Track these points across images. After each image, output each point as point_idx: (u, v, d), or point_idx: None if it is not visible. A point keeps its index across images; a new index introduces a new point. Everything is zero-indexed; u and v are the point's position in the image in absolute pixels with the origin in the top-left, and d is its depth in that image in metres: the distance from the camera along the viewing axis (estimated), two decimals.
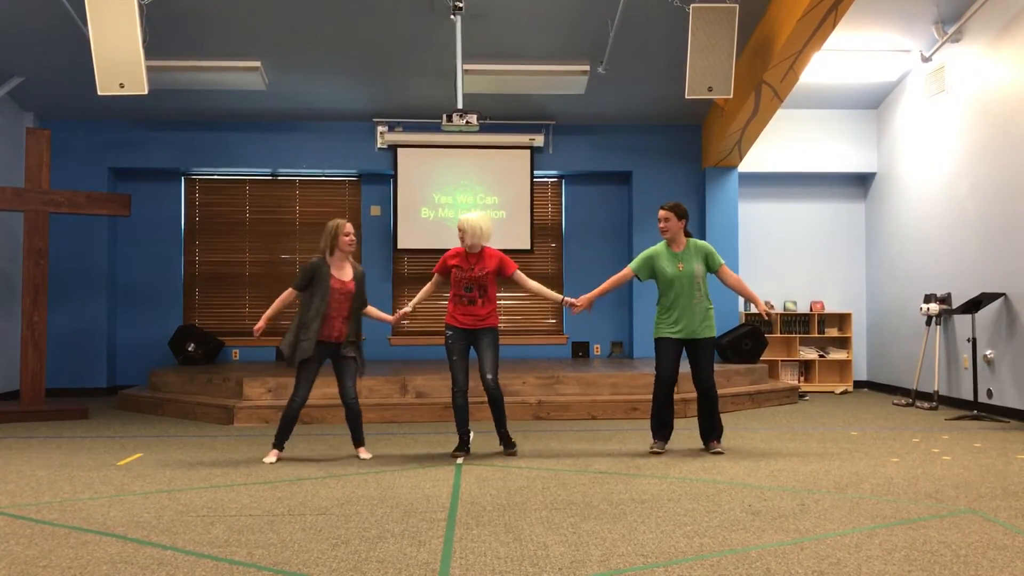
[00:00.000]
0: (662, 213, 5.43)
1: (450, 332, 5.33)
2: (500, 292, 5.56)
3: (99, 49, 6.39)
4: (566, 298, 5.58)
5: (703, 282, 5.40)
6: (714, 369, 5.45)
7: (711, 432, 5.48)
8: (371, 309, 5.52)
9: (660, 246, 5.47)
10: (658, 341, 5.42)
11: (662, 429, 5.44)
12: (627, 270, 5.54)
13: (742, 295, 5.60)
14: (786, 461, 5.16)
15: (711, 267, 5.44)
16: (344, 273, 5.28)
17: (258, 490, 4.38)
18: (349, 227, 5.29)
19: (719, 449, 5.41)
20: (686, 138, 9.81)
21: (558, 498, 4.14)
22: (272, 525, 3.64)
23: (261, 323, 5.26)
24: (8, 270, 8.82)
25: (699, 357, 5.39)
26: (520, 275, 5.47)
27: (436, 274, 5.46)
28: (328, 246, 5.24)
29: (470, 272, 5.28)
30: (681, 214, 5.41)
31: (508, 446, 5.39)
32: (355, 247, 5.33)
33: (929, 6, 7.75)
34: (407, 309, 5.52)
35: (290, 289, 5.28)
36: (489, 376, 5.25)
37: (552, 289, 10.02)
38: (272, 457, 5.23)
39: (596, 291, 5.54)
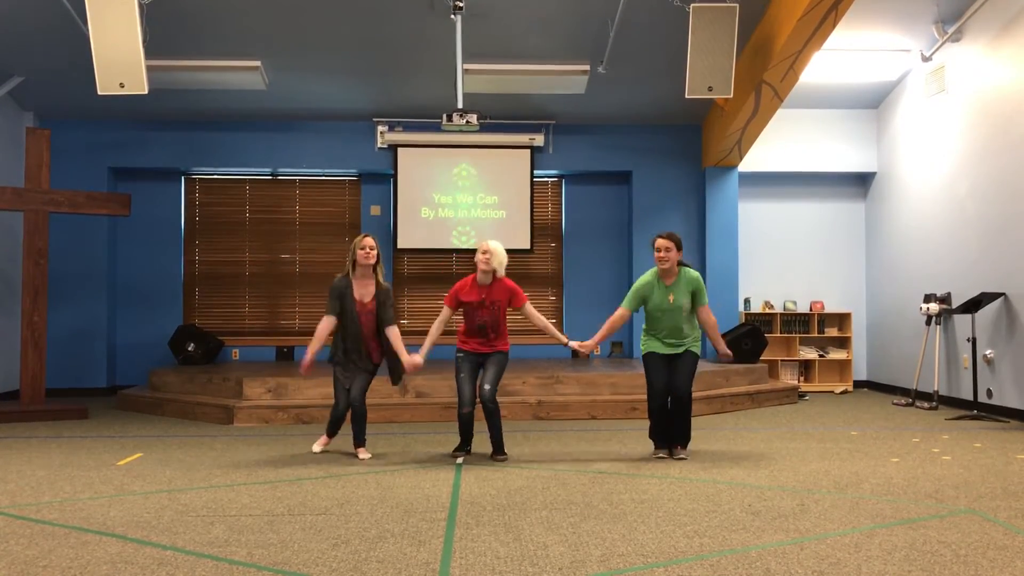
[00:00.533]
0: (662, 243, 5.26)
1: (460, 354, 5.35)
2: None
3: (99, 49, 6.38)
4: (571, 343, 5.46)
5: (689, 312, 5.34)
6: (692, 380, 5.33)
7: (678, 437, 5.35)
8: (394, 334, 5.32)
9: (652, 276, 5.34)
10: (645, 356, 5.42)
11: (662, 438, 5.39)
12: (623, 311, 5.42)
13: (709, 336, 5.46)
14: (786, 461, 5.16)
15: (695, 303, 5.34)
16: (366, 292, 5.29)
17: (258, 490, 4.38)
18: (367, 241, 5.28)
19: (683, 455, 5.28)
20: (686, 138, 9.81)
21: (558, 498, 4.14)
22: (272, 525, 3.65)
23: (309, 359, 5.26)
24: (8, 270, 8.82)
25: (679, 366, 5.31)
26: (529, 308, 5.39)
27: (447, 308, 5.36)
28: (350, 262, 5.29)
29: (481, 310, 5.23)
30: (679, 245, 5.30)
31: (498, 453, 5.33)
32: (373, 259, 5.27)
33: (929, 6, 7.75)
34: (419, 360, 5.29)
35: (326, 318, 5.28)
36: (487, 387, 5.23)
37: (551, 289, 10.15)
38: (320, 444, 5.51)
39: (597, 336, 5.41)
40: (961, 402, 7.82)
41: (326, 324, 5.28)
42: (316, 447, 5.52)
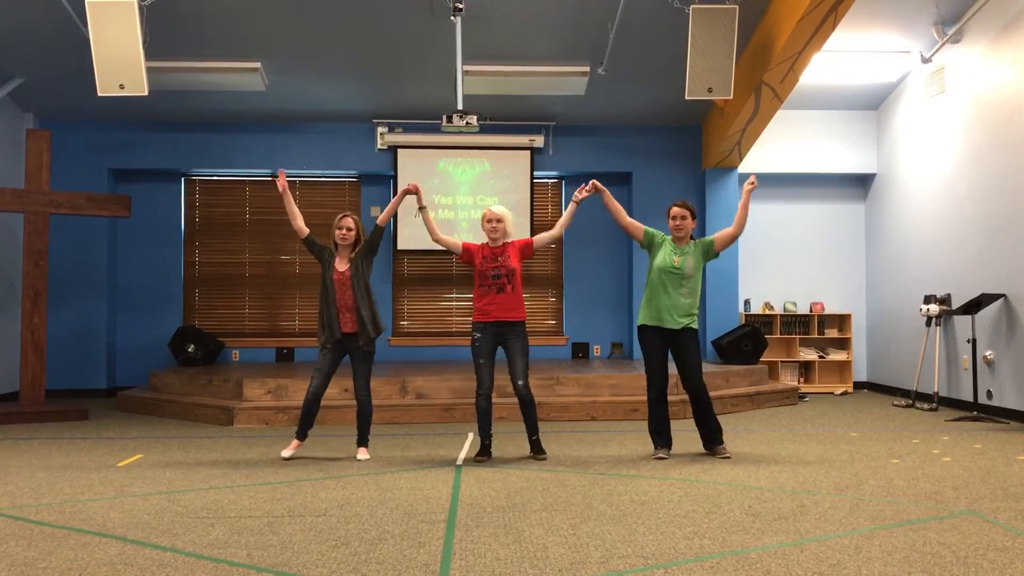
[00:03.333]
0: (678, 210, 5.31)
1: (477, 334, 5.25)
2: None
3: (99, 50, 6.39)
4: (576, 195, 5.40)
5: (695, 282, 5.32)
6: (702, 368, 5.36)
7: (712, 436, 5.36)
8: (382, 215, 5.42)
9: (664, 235, 5.44)
10: (641, 333, 5.34)
11: (661, 436, 5.37)
12: (641, 225, 5.45)
13: (739, 217, 5.33)
14: (786, 462, 5.16)
15: (710, 252, 5.36)
16: (343, 264, 5.32)
17: (258, 491, 4.38)
18: (346, 221, 5.31)
19: (727, 454, 5.29)
20: (686, 139, 9.81)
21: (558, 499, 4.14)
22: (272, 527, 3.64)
23: (284, 182, 5.34)
24: (8, 271, 8.82)
25: (684, 355, 5.28)
26: (540, 237, 5.45)
27: (462, 245, 5.39)
28: (332, 241, 5.36)
29: (495, 263, 5.26)
30: (694, 215, 5.39)
31: (538, 451, 5.31)
32: (350, 240, 5.28)
33: (929, 7, 7.75)
34: (422, 203, 5.45)
35: (307, 230, 5.36)
36: (520, 382, 5.21)
37: (551, 290, 10.14)
38: (291, 449, 5.30)
39: (610, 198, 5.41)
40: (961, 403, 7.82)
41: (300, 228, 5.35)
42: (285, 452, 5.31)
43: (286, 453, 5.30)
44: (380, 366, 8.84)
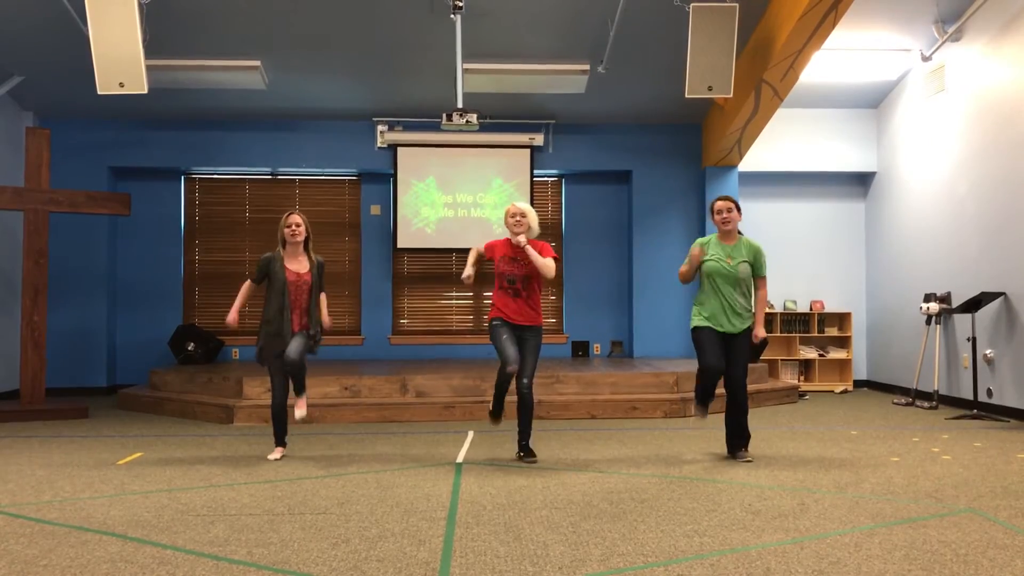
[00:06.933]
0: (723, 204, 5.15)
1: (497, 321, 5.20)
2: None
3: (99, 48, 6.38)
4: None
5: (749, 282, 5.18)
6: (747, 371, 5.19)
7: (739, 439, 5.23)
8: (322, 300, 5.44)
9: (711, 236, 5.28)
10: (696, 331, 5.19)
11: (704, 400, 5.23)
12: (696, 250, 5.23)
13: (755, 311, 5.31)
14: (786, 460, 5.16)
15: (755, 272, 5.20)
16: (300, 265, 5.31)
17: (258, 489, 4.38)
18: (293, 218, 5.31)
19: (748, 458, 5.16)
20: (686, 137, 9.81)
21: (558, 497, 4.14)
22: (272, 524, 3.65)
23: (233, 315, 5.34)
24: (8, 270, 8.82)
25: (735, 355, 5.12)
26: (551, 261, 5.35)
27: (476, 250, 5.32)
28: (279, 239, 5.34)
29: (514, 264, 5.18)
30: (740, 208, 5.24)
31: (528, 455, 5.25)
32: (301, 237, 5.29)
33: (929, 5, 7.75)
34: (468, 274, 5.24)
35: (247, 281, 5.41)
36: (525, 380, 5.17)
37: (551, 288, 10.13)
38: (276, 454, 5.33)
39: (687, 270, 5.26)
40: (961, 401, 7.82)
41: (245, 287, 5.40)
42: (272, 456, 5.33)
43: (274, 456, 5.33)
44: (380, 364, 8.85)
